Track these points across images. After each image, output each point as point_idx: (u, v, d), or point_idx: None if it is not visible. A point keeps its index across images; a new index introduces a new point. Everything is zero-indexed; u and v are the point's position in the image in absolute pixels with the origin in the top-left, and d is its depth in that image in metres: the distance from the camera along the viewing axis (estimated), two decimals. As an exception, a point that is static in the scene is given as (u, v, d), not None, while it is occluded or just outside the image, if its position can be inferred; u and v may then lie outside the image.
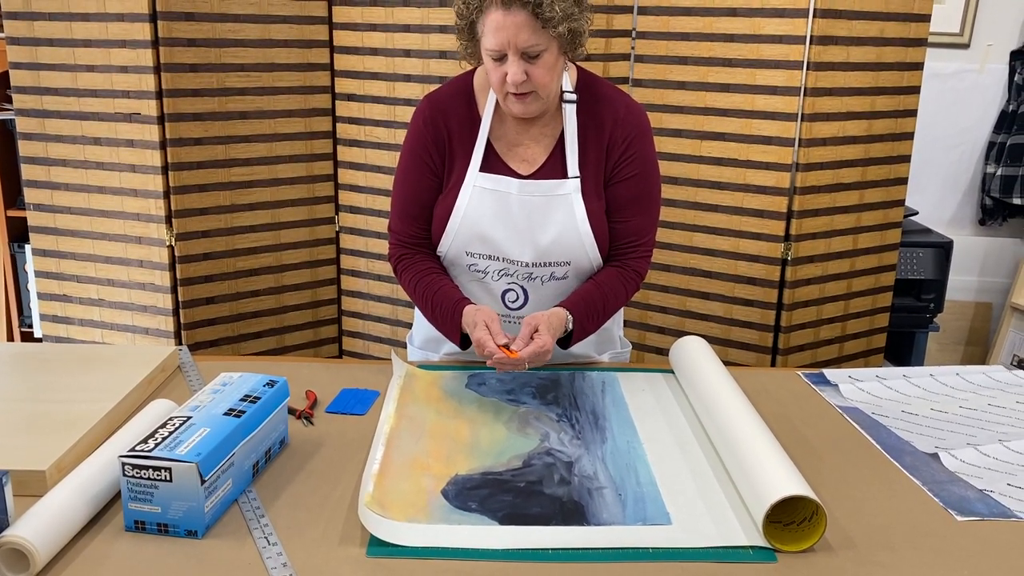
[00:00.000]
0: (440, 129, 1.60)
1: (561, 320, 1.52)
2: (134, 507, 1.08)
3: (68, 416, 1.31)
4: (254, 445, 1.21)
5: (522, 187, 1.57)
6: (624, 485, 1.22)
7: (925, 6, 2.34)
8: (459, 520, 1.12)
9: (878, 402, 1.54)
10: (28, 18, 2.33)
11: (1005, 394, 1.59)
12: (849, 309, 2.48)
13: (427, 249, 1.64)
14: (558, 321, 1.51)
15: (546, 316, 1.50)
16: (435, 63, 2.37)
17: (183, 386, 1.53)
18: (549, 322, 1.48)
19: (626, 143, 1.59)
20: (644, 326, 2.52)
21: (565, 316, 1.53)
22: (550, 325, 1.48)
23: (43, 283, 2.53)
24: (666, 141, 2.37)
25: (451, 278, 1.63)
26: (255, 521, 1.12)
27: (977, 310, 3.63)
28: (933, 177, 3.54)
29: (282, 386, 1.30)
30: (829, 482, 1.25)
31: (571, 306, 1.55)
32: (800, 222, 2.31)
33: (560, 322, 1.51)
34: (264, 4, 2.38)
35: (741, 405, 1.34)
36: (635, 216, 1.62)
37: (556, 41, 1.46)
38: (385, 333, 2.63)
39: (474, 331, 1.46)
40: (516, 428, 1.39)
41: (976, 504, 1.20)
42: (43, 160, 2.43)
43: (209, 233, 2.42)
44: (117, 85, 2.31)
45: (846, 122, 2.31)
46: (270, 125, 2.46)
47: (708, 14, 2.27)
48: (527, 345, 1.44)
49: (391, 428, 1.34)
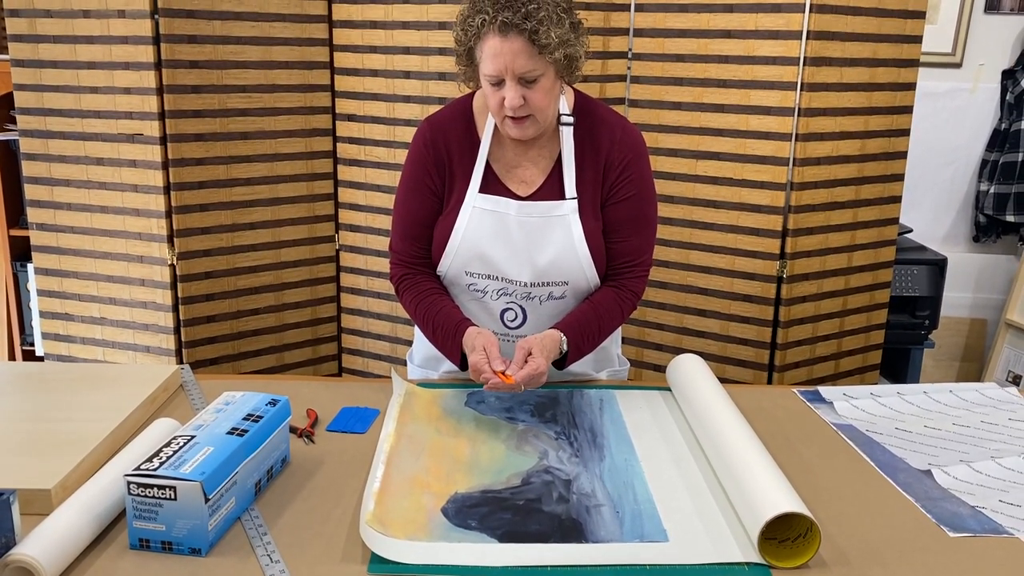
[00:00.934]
0: (440, 151, 1.62)
1: (555, 342, 1.54)
2: (139, 525, 1.10)
3: (72, 435, 1.32)
4: (257, 464, 1.22)
5: (520, 208, 1.59)
6: (622, 502, 1.23)
7: (917, 27, 2.38)
8: (459, 537, 1.13)
9: (872, 419, 1.56)
10: (33, 41, 2.36)
11: (997, 411, 1.61)
12: (845, 326, 2.50)
13: (428, 269, 1.66)
14: (552, 343, 1.53)
15: (539, 339, 1.52)
16: (434, 84, 2.40)
17: (185, 405, 1.55)
18: (542, 344, 1.50)
19: (623, 165, 1.61)
20: (641, 343, 2.54)
21: (559, 338, 1.55)
22: (543, 348, 1.50)
23: (45, 302, 2.55)
24: (662, 160, 2.40)
25: (452, 298, 1.65)
26: (258, 539, 1.13)
27: (972, 326, 3.65)
28: (927, 195, 3.57)
29: (284, 405, 1.32)
30: (823, 499, 1.27)
31: (565, 328, 1.57)
32: (795, 240, 2.33)
33: (554, 344, 1.53)
34: (265, 26, 2.41)
35: (737, 423, 1.35)
36: (631, 236, 1.64)
37: (552, 66, 1.49)
38: (385, 351, 2.65)
39: (472, 354, 1.48)
40: (515, 446, 1.41)
41: (968, 520, 1.22)
42: (46, 180, 2.45)
43: (210, 252, 2.44)
44: (120, 106, 2.33)
45: (840, 141, 2.34)
46: (271, 145, 2.49)
47: (703, 36, 2.31)
48: (521, 369, 1.46)
49: (391, 446, 1.36)
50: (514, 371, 1.45)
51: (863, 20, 2.27)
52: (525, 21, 1.43)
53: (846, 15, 2.24)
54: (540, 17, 1.43)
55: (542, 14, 1.43)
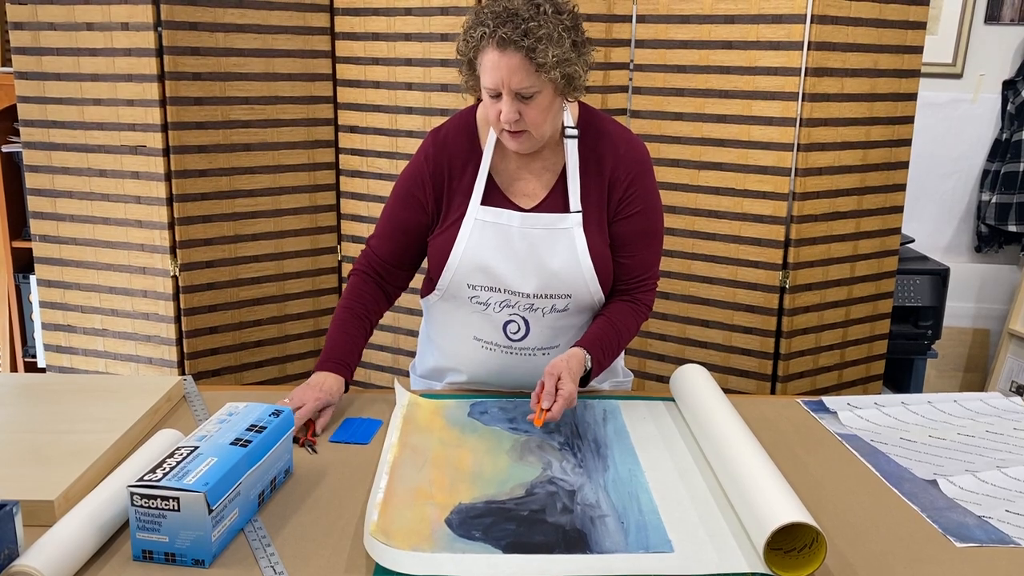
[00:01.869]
0: (440, 166, 1.63)
1: (580, 362, 1.53)
2: (142, 536, 1.09)
3: (75, 446, 1.32)
4: (260, 474, 1.22)
5: (524, 220, 1.59)
6: (626, 513, 1.23)
7: (918, 38, 2.38)
8: (463, 548, 1.13)
9: (877, 429, 1.56)
10: (36, 53, 2.37)
11: (1002, 421, 1.60)
12: (848, 336, 2.50)
13: (386, 280, 1.68)
14: (577, 364, 1.52)
15: (565, 362, 1.51)
16: (436, 96, 2.41)
17: (188, 416, 1.55)
18: (569, 369, 1.50)
19: (628, 180, 1.61)
20: (644, 354, 2.53)
21: (583, 356, 1.54)
22: (570, 371, 1.49)
23: (47, 313, 2.55)
24: (664, 171, 2.40)
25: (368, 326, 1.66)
26: (261, 550, 1.13)
27: (975, 336, 3.65)
28: (929, 205, 3.57)
29: (287, 416, 1.31)
30: (829, 509, 1.26)
31: (587, 345, 1.57)
32: (797, 250, 2.33)
33: (579, 364, 1.53)
34: (268, 38, 2.42)
35: (741, 433, 1.35)
36: (640, 251, 1.65)
37: (551, 84, 1.48)
38: (387, 362, 2.65)
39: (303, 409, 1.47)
40: (519, 457, 1.40)
41: (975, 530, 1.21)
42: (49, 192, 2.46)
43: (213, 263, 2.44)
44: (123, 118, 2.34)
45: (842, 152, 2.34)
46: (274, 157, 2.49)
47: (704, 47, 2.32)
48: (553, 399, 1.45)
49: (394, 457, 1.36)
50: (548, 403, 1.44)
51: (864, 31, 2.28)
52: (524, 38, 1.42)
53: (847, 26, 2.25)
54: (540, 35, 1.42)
55: (542, 32, 1.43)
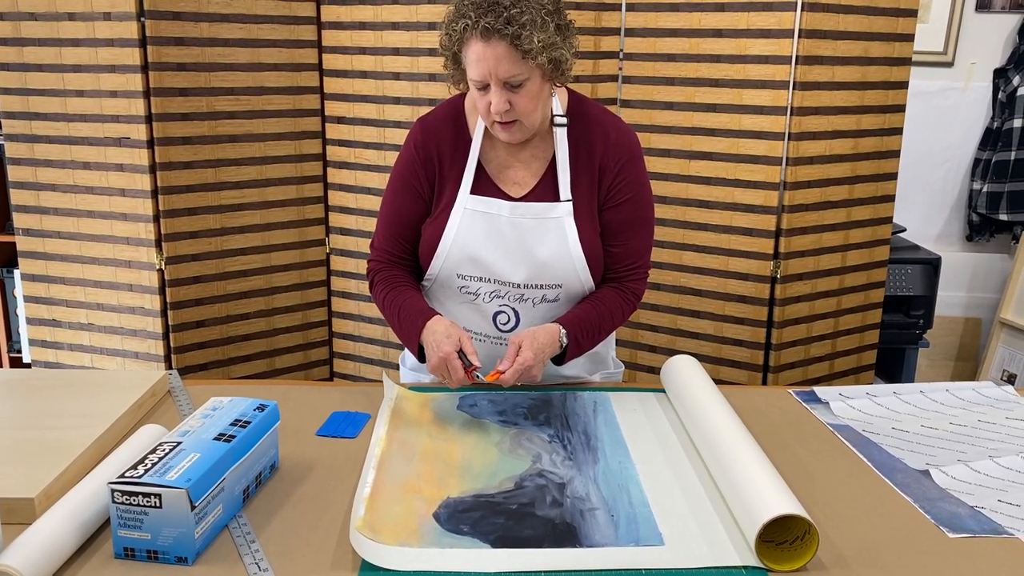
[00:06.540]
0: (431, 153, 1.61)
1: (551, 335, 1.51)
2: (124, 534, 1.07)
3: (57, 442, 1.30)
4: (244, 470, 1.20)
5: (513, 209, 1.58)
6: (616, 506, 1.22)
7: (909, 26, 2.37)
8: (451, 543, 1.11)
9: (869, 419, 1.55)
10: (17, 44, 2.33)
11: (995, 410, 1.59)
12: (839, 326, 2.49)
13: (405, 267, 1.65)
14: (546, 336, 1.50)
15: (531, 332, 1.50)
16: (424, 85, 2.39)
17: (173, 411, 1.53)
18: (534, 338, 1.48)
19: (618, 168, 1.59)
20: (635, 345, 2.52)
21: (557, 331, 1.53)
22: (534, 341, 1.48)
23: (32, 308, 2.52)
24: (655, 161, 2.38)
25: (424, 294, 1.62)
26: (246, 547, 1.11)
27: (966, 326, 3.65)
28: (920, 194, 3.57)
29: (272, 410, 1.30)
30: (821, 500, 1.25)
31: (564, 322, 1.55)
32: (789, 240, 2.32)
33: (549, 337, 1.51)
34: (253, 28, 2.39)
35: (732, 424, 1.34)
36: (631, 240, 1.63)
37: (538, 70, 1.47)
38: (376, 355, 2.63)
39: (444, 343, 1.44)
40: (508, 450, 1.39)
41: (967, 521, 1.20)
42: (32, 185, 2.43)
43: (199, 256, 2.42)
44: (107, 110, 2.31)
45: (833, 141, 2.33)
46: (260, 148, 2.47)
47: (694, 35, 2.30)
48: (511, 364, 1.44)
49: (382, 451, 1.34)
50: (505, 366, 1.44)
51: (855, 18, 2.27)
52: (507, 26, 1.41)
53: (838, 13, 2.23)
54: (523, 21, 1.41)
55: (525, 18, 1.41)
